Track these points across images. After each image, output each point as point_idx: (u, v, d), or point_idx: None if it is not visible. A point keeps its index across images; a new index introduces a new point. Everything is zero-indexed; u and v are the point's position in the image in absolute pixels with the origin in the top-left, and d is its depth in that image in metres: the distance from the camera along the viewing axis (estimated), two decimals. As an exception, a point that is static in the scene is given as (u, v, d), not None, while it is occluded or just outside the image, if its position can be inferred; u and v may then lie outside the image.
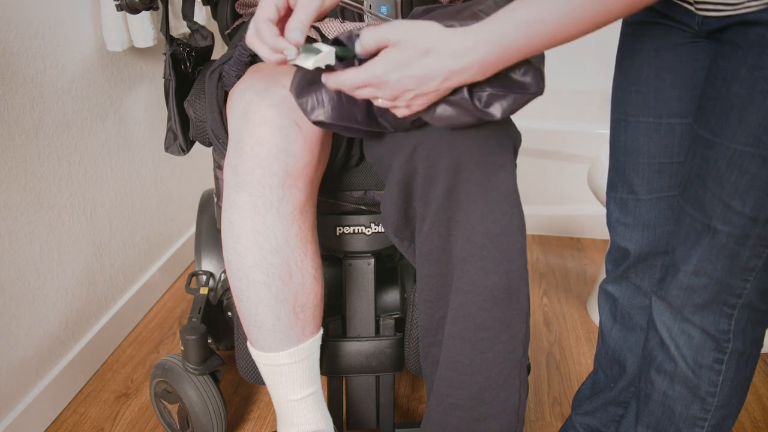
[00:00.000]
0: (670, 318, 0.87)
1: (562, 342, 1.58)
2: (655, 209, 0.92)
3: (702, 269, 0.81)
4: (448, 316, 0.85)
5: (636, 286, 0.99)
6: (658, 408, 0.92)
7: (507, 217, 0.81)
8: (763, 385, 1.42)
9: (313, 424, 0.91)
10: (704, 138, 0.77)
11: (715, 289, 0.81)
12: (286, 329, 0.84)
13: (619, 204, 0.95)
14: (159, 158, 1.69)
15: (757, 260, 0.78)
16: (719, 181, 0.75)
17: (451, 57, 0.65)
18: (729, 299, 0.81)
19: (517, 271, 0.82)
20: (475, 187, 0.79)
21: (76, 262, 1.37)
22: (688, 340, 0.85)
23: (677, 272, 0.83)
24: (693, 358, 0.86)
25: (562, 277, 1.89)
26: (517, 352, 0.85)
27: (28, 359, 1.24)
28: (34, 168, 1.22)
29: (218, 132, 0.88)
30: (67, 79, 1.29)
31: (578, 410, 1.12)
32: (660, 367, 0.90)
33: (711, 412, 0.87)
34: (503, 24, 0.64)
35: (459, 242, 0.82)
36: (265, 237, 0.80)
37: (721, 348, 0.84)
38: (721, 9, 0.73)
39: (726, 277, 0.79)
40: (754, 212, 0.74)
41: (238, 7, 1.11)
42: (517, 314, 0.84)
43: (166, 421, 1.23)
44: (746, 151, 0.72)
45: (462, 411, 0.87)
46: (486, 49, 0.65)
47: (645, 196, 0.92)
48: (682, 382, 0.88)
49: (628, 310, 1.01)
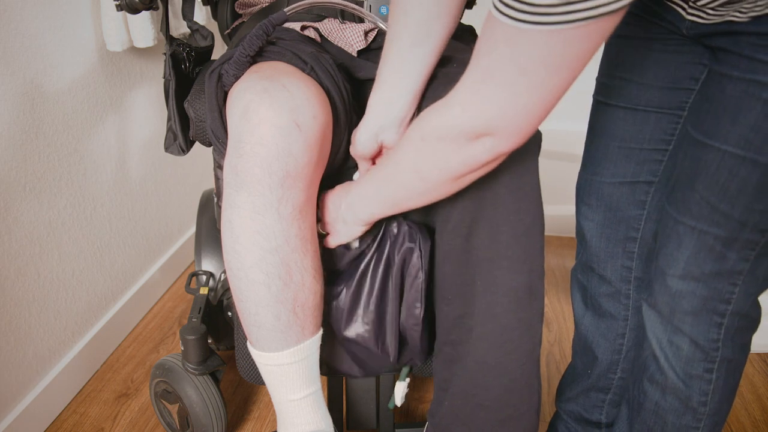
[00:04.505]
0: (660, 328, 0.87)
1: (562, 342, 1.58)
2: (617, 193, 0.93)
3: (689, 272, 0.80)
4: (474, 317, 0.86)
5: (600, 276, 1.00)
6: (651, 417, 0.92)
7: (531, 216, 0.83)
8: (763, 385, 1.42)
9: (313, 424, 0.91)
10: (696, 140, 0.77)
11: (704, 294, 0.80)
12: (285, 329, 0.84)
13: (586, 183, 0.97)
14: (159, 158, 1.69)
15: (744, 264, 0.77)
16: (708, 183, 0.75)
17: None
18: (718, 306, 0.81)
19: (537, 271, 0.85)
20: (502, 188, 0.81)
21: (76, 262, 1.37)
22: (677, 351, 0.85)
23: (664, 277, 0.83)
24: (683, 369, 0.86)
25: (562, 277, 1.90)
26: (536, 351, 0.87)
27: (28, 359, 1.24)
28: (34, 168, 1.22)
29: (218, 132, 0.88)
30: (67, 79, 1.29)
31: (561, 397, 1.13)
32: (652, 378, 0.90)
33: (703, 421, 0.88)
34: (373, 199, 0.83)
35: (483, 242, 0.83)
36: (264, 237, 0.80)
37: (710, 358, 0.84)
38: (705, 18, 0.73)
39: (714, 280, 0.79)
40: (743, 216, 0.74)
41: (238, 7, 1.11)
42: (536, 314, 0.86)
43: (166, 421, 1.23)
44: (737, 153, 0.71)
45: (488, 412, 0.89)
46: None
47: (609, 179, 0.93)
48: (673, 393, 0.88)
49: (596, 298, 1.02)
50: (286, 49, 0.87)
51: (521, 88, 0.59)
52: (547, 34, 0.54)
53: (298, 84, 0.79)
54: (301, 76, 0.82)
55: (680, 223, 0.80)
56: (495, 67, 0.59)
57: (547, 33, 0.54)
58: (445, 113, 0.67)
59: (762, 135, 0.69)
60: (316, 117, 0.79)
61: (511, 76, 0.59)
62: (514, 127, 0.63)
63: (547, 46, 0.55)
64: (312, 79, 0.83)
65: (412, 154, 0.73)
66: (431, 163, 0.71)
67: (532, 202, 0.83)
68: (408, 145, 0.74)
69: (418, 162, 0.73)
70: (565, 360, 1.50)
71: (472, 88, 0.63)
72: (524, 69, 0.57)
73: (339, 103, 0.86)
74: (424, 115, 0.71)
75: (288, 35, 0.91)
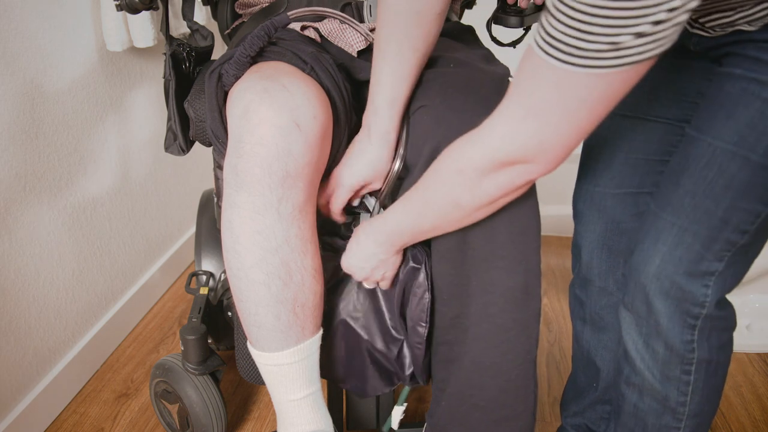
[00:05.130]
0: (635, 330, 0.86)
1: (562, 342, 1.58)
2: (620, 204, 0.93)
3: (663, 271, 0.79)
4: (470, 317, 0.86)
5: (600, 288, 0.99)
6: (630, 419, 0.91)
7: (526, 216, 0.83)
8: (763, 385, 1.42)
9: (313, 424, 0.91)
10: (688, 135, 0.76)
11: (677, 295, 0.79)
12: (285, 329, 0.84)
13: (586, 195, 0.96)
14: (159, 158, 1.69)
15: (718, 264, 0.77)
16: (695, 178, 0.74)
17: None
18: (691, 309, 0.80)
19: (533, 271, 0.84)
20: None
21: (76, 262, 1.37)
22: (653, 354, 0.85)
23: (639, 275, 0.82)
24: (660, 371, 0.85)
25: (562, 277, 1.90)
26: (532, 352, 0.87)
27: (28, 359, 1.24)
28: (34, 168, 1.22)
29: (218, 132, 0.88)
30: (67, 79, 1.29)
31: (567, 412, 1.13)
32: (628, 380, 0.89)
33: (684, 421, 0.87)
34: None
35: (479, 242, 0.83)
36: (264, 237, 0.80)
37: (686, 360, 0.83)
38: (710, 33, 0.73)
39: (687, 281, 0.78)
40: (726, 214, 0.73)
41: (237, 7, 1.11)
42: (532, 314, 0.86)
43: (166, 421, 1.23)
44: (728, 149, 0.71)
45: (484, 412, 0.89)
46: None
47: (614, 190, 0.93)
48: (650, 395, 0.87)
49: (597, 311, 1.01)
50: (286, 49, 0.87)
51: (563, 125, 0.63)
52: (595, 77, 0.57)
53: (299, 84, 0.79)
54: (302, 76, 0.82)
55: (660, 218, 0.79)
56: (540, 107, 0.62)
57: (595, 76, 0.57)
58: (484, 145, 0.69)
59: (757, 133, 0.69)
60: (316, 117, 0.79)
61: (555, 116, 0.62)
62: (552, 156, 0.67)
63: (593, 87, 0.58)
64: (312, 79, 0.83)
65: (447, 186, 0.75)
66: (468, 193, 0.73)
67: (527, 202, 0.83)
68: (441, 177, 0.75)
69: (455, 192, 0.74)
70: (565, 360, 1.51)
71: (513, 123, 0.65)
72: (568, 109, 0.61)
73: (339, 103, 0.86)
74: (457, 148, 0.73)
75: (288, 35, 0.91)
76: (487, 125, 0.69)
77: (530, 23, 1.06)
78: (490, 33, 1.11)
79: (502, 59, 1.00)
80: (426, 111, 0.85)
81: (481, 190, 0.72)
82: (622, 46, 0.53)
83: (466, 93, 0.84)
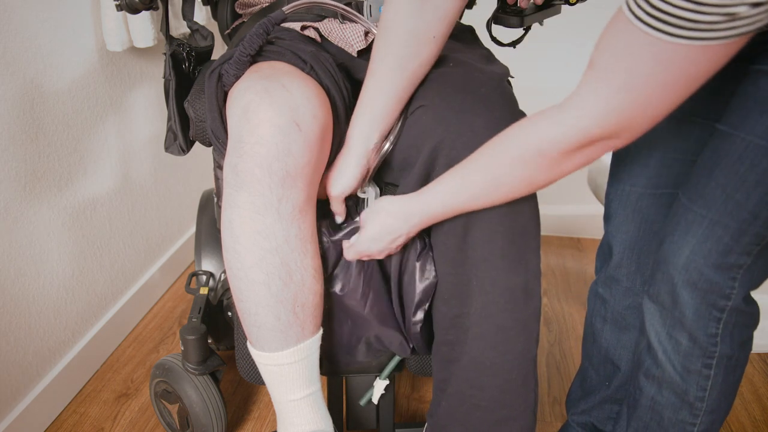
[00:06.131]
0: (659, 321, 0.86)
1: (562, 342, 1.58)
2: (656, 204, 0.92)
3: (692, 262, 0.79)
4: (470, 317, 0.86)
5: (627, 288, 0.99)
6: (647, 413, 0.91)
7: (526, 216, 0.83)
8: (763, 385, 1.42)
9: (313, 424, 0.91)
10: (721, 131, 0.77)
11: (704, 287, 0.80)
12: (285, 329, 0.84)
13: (621, 195, 0.95)
14: (159, 158, 1.69)
15: (746, 258, 0.77)
16: (727, 172, 0.74)
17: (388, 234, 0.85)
18: (718, 301, 0.80)
19: (533, 271, 0.85)
20: None
21: (76, 262, 1.37)
22: (676, 345, 0.85)
23: (667, 266, 0.82)
24: (681, 363, 0.85)
25: (562, 277, 1.90)
26: (532, 351, 0.87)
27: (28, 359, 1.24)
28: (34, 168, 1.22)
29: (218, 132, 0.88)
30: (67, 79, 1.29)
31: (574, 410, 1.13)
32: (648, 372, 0.89)
33: (700, 417, 0.87)
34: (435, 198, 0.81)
35: (479, 242, 0.83)
36: (264, 237, 0.80)
37: (708, 353, 0.83)
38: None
39: (715, 273, 0.79)
40: (756, 208, 0.74)
41: (238, 7, 1.11)
42: (532, 314, 0.86)
43: (166, 421, 1.23)
44: (762, 145, 0.71)
45: (484, 412, 0.89)
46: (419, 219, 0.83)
47: (649, 191, 0.92)
48: (670, 388, 0.87)
49: (620, 311, 1.01)
50: (285, 49, 0.87)
51: (657, 100, 0.61)
52: (701, 49, 0.55)
53: (298, 83, 0.79)
54: (301, 76, 0.82)
55: (690, 210, 0.79)
56: (637, 83, 0.60)
57: (701, 48, 0.55)
58: (569, 126, 0.67)
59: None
60: (316, 116, 0.79)
61: (652, 91, 0.60)
62: (639, 130, 0.65)
63: (696, 59, 0.56)
64: (312, 79, 0.83)
65: (521, 168, 0.73)
66: (545, 173, 0.72)
67: (527, 202, 0.83)
68: (514, 160, 0.73)
69: (529, 173, 0.72)
70: (565, 360, 1.50)
71: (604, 102, 0.63)
72: (666, 82, 0.59)
73: (339, 102, 0.86)
74: (531, 130, 0.71)
75: (288, 35, 0.91)
76: (570, 105, 0.67)
77: (530, 23, 1.05)
78: (490, 33, 1.11)
79: (502, 59, 1.00)
80: (425, 110, 0.85)
81: (559, 169, 0.71)
82: (738, 17, 0.52)
83: (465, 92, 0.84)
